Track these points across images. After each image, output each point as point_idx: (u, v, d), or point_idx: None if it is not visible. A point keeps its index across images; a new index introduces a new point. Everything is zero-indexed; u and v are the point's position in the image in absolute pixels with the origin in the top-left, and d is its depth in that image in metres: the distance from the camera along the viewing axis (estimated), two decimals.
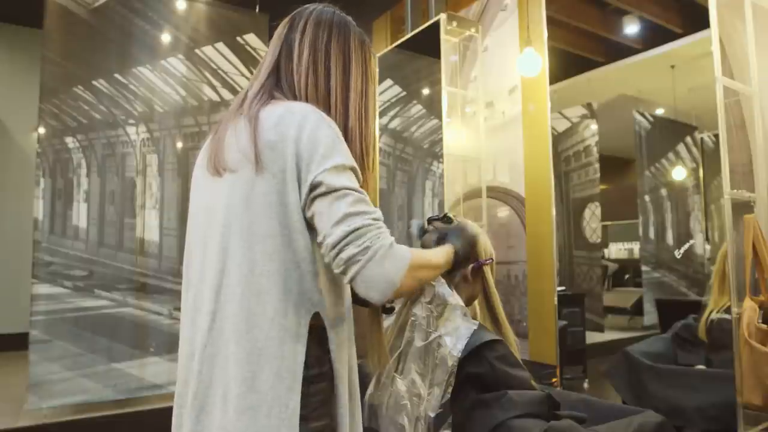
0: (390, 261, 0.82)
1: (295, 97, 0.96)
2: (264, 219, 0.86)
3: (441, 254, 1.10)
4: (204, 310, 0.89)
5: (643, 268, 5.81)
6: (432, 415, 1.09)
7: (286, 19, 1.02)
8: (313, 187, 0.84)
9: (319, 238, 0.84)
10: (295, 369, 0.85)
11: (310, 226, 0.87)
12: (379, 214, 0.86)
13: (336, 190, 0.83)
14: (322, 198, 0.84)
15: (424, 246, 1.31)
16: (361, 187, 0.95)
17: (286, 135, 0.86)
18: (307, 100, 0.95)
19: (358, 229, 0.81)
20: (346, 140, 0.95)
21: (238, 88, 3.49)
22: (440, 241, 1.21)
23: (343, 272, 0.82)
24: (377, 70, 3.75)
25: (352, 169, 0.88)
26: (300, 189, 0.85)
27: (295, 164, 0.86)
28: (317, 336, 0.88)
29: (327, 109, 0.95)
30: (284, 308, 0.85)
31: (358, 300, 1.08)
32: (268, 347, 0.84)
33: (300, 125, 0.87)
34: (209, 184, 0.94)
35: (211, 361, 0.87)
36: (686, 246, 6.07)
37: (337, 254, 0.81)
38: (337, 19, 1.01)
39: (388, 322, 1.24)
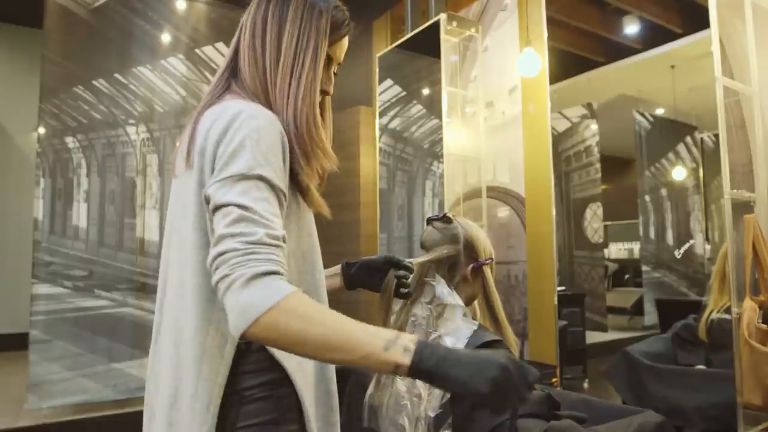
0: (250, 292, 0.68)
1: (245, 82, 0.89)
2: (193, 229, 0.82)
3: (376, 339, 0.68)
4: (155, 320, 0.89)
5: (644, 268, 5.82)
6: (432, 415, 1.09)
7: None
8: (206, 200, 0.78)
9: None
10: (213, 390, 0.79)
11: None
12: (260, 234, 0.72)
13: (220, 206, 0.74)
14: (213, 214, 0.76)
15: (424, 246, 1.31)
16: (305, 174, 0.86)
17: (212, 140, 0.80)
18: (253, 81, 0.88)
19: (224, 253, 0.71)
20: (278, 113, 0.85)
21: None
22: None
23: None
24: (375, 68, 3.75)
25: (258, 178, 0.76)
26: None
27: (211, 172, 0.80)
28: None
29: (265, 86, 0.88)
30: (206, 326, 0.81)
31: (363, 284, 1.07)
32: (187, 365, 0.80)
33: (222, 130, 0.79)
34: (172, 188, 0.92)
35: (157, 372, 0.87)
36: (686, 246, 6.07)
37: (212, 277, 0.73)
38: None
39: (396, 306, 1.23)
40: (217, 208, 0.75)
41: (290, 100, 0.86)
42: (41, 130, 3.00)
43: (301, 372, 0.86)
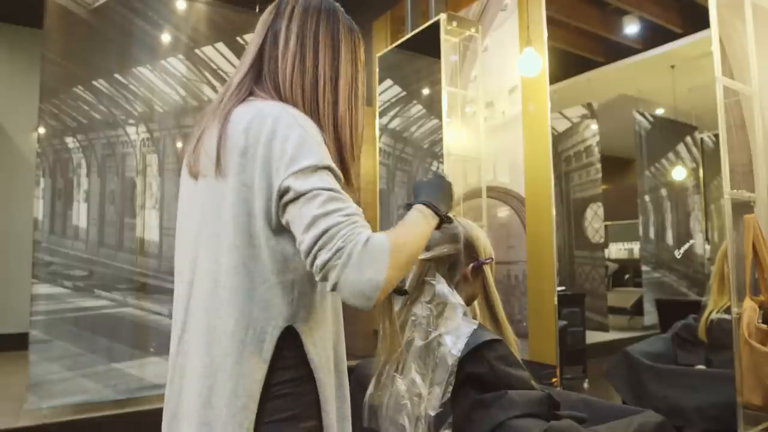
0: (368, 262, 0.74)
1: (276, 88, 0.91)
2: (230, 230, 0.83)
3: (414, 219, 0.94)
4: (177, 319, 0.90)
5: (643, 268, 5.81)
6: (432, 414, 1.09)
7: (272, 6, 0.98)
8: (282, 193, 0.80)
9: (297, 246, 0.79)
10: (253, 388, 0.81)
11: (280, 235, 0.83)
12: (353, 208, 0.79)
13: (305, 193, 0.78)
14: (292, 204, 0.79)
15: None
16: (347, 177, 0.93)
17: (256, 141, 0.82)
18: (291, 90, 0.91)
19: (327, 230, 0.75)
20: (335, 130, 0.92)
21: None
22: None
23: (323, 280, 0.76)
24: (375, 68, 3.75)
25: (328, 168, 0.81)
26: (271, 197, 0.81)
27: (264, 171, 0.81)
28: (297, 341, 0.86)
29: (315, 98, 0.91)
30: (246, 323, 0.82)
31: None
32: (225, 363, 0.81)
33: (271, 130, 0.82)
34: (189, 187, 0.93)
35: (182, 372, 0.87)
36: (686, 246, 6.06)
37: (312, 261, 0.76)
38: (326, 5, 0.97)
39: (396, 306, 1.23)
40: (300, 195, 0.78)
41: (349, 124, 0.95)
42: (41, 130, 3.00)
43: (327, 367, 0.89)
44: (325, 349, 0.89)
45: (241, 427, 0.80)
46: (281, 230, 0.83)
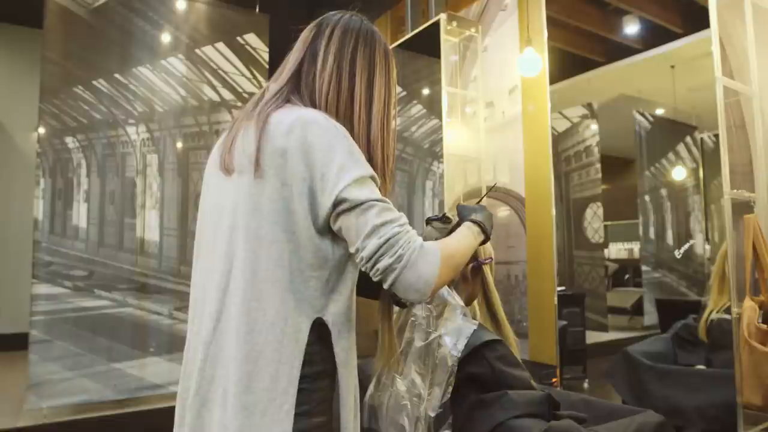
0: (422, 263, 0.85)
1: (313, 103, 0.95)
2: (270, 225, 0.87)
3: (464, 233, 1.07)
4: (209, 310, 0.91)
5: (643, 268, 5.81)
6: (432, 415, 1.09)
7: (312, 25, 1.02)
8: (338, 202, 0.85)
9: (351, 250, 0.87)
10: (292, 373, 0.86)
11: (324, 235, 0.88)
12: (404, 218, 0.88)
13: (360, 203, 0.84)
14: (347, 213, 0.85)
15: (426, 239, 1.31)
16: None
17: (297, 143, 0.86)
18: (326, 107, 0.95)
19: (389, 239, 0.84)
20: (368, 150, 0.96)
21: (239, 88, 3.50)
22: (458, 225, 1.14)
23: (382, 280, 0.85)
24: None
25: (372, 177, 0.88)
26: (315, 199, 0.86)
27: (308, 173, 0.86)
28: (322, 336, 0.90)
29: (350, 117, 0.96)
30: (285, 313, 0.86)
31: (367, 293, 1.09)
32: (265, 350, 0.85)
33: (313, 134, 0.87)
34: (220, 183, 0.95)
35: (214, 360, 0.89)
36: (686, 246, 6.06)
37: (374, 265, 0.84)
38: (365, 29, 1.01)
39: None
40: (356, 206, 0.85)
41: (381, 146, 0.98)
42: (41, 130, 3.00)
43: (351, 364, 0.94)
44: (351, 349, 0.94)
45: (280, 410, 0.84)
46: (326, 231, 0.88)
